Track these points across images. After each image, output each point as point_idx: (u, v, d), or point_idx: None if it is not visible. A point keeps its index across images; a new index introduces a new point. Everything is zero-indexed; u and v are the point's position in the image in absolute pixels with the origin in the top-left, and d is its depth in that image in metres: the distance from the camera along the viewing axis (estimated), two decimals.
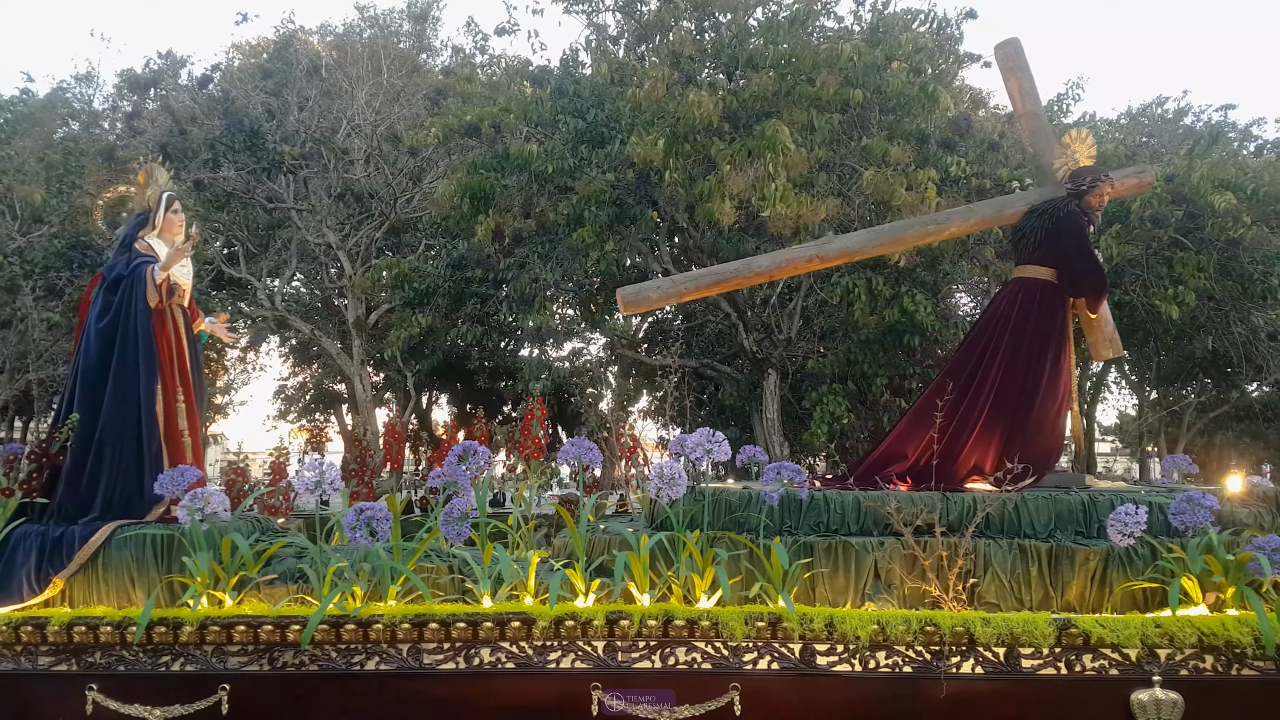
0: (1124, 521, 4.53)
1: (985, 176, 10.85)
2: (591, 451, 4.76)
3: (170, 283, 5.25)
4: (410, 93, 14.13)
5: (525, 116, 10.27)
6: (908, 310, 11.02)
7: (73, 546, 4.71)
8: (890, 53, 9.51)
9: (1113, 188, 5.97)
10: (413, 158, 13.09)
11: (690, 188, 9.53)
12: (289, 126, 14.07)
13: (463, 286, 12.14)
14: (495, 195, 10.23)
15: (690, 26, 9.71)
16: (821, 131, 9.42)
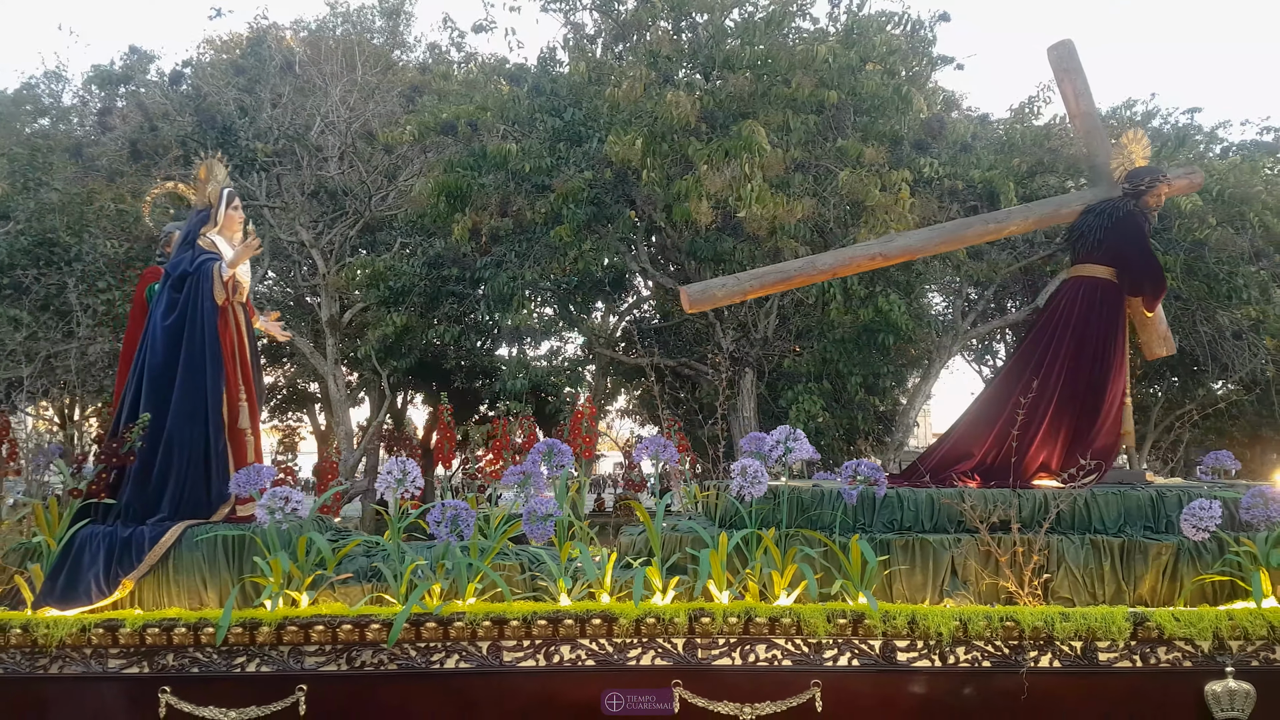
0: (1198, 516, 4.59)
1: (958, 178, 10.99)
2: (669, 449, 4.70)
3: (234, 280, 5.24)
4: (385, 90, 14.02)
5: (502, 115, 10.24)
6: (882, 310, 11.12)
7: (142, 547, 4.65)
8: (864, 55, 9.59)
9: (1169, 188, 6.06)
10: (388, 155, 13.01)
11: (668, 187, 9.56)
12: (262, 123, 13.91)
13: (439, 285, 12.08)
14: (472, 194, 10.20)
15: (667, 26, 9.73)
16: (797, 132, 9.49)
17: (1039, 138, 11.71)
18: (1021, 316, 13.03)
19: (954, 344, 12.66)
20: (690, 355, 13.72)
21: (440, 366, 15.51)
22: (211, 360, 5.07)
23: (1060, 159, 11.27)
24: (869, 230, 9.40)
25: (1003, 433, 5.61)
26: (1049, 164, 11.25)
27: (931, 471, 5.65)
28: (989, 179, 10.90)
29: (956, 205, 11.28)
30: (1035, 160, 11.32)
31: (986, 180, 10.93)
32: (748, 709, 4.08)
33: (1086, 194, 6.25)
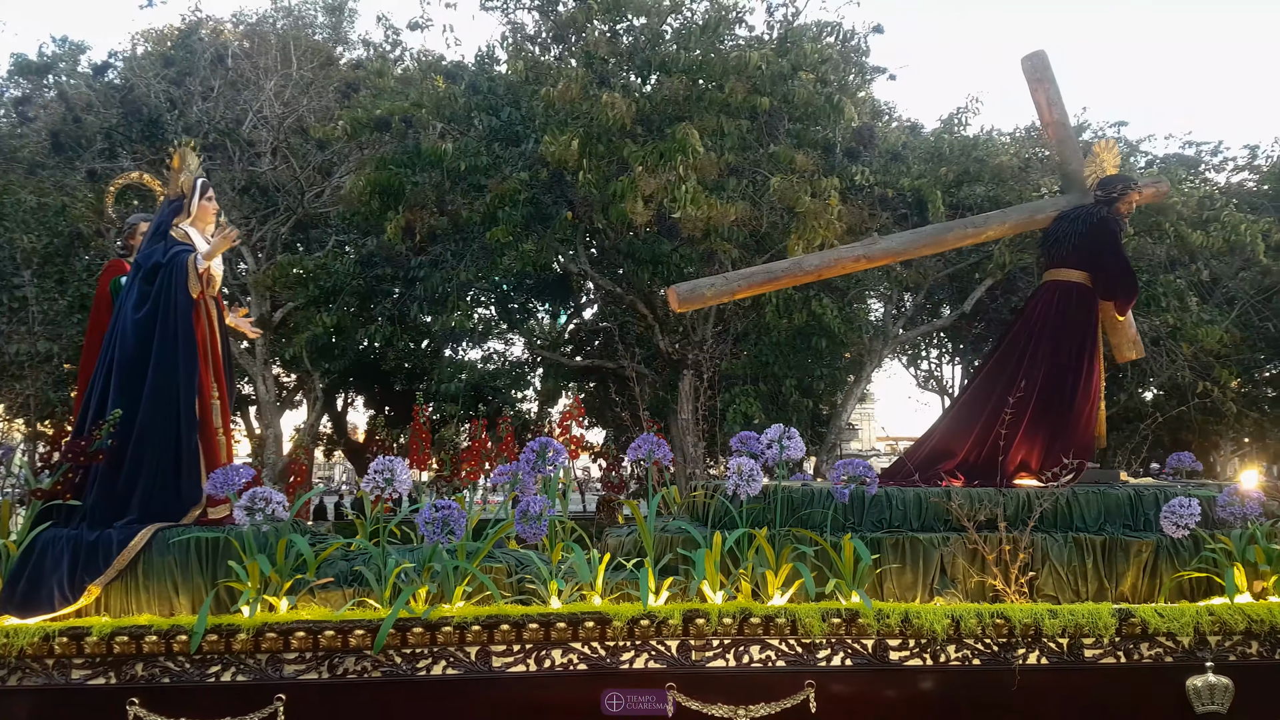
0: (1178, 514, 4.69)
1: (888, 185, 11.23)
2: (662, 448, 4.63)
3: (208, 273, 5.02)
4: (321, 85, 13.82)
5: (438, 112, 10.16)
6: (816, 313, 11.31)
7: (110, 551, 4.38)
8: (797, 63, 9.74)
9: (1139, 195, 6.19)
10: (322, 151, 12.81)
11: (604, 188, 9.60)
12: (191, 117, 13.59)
13: (372, 284, 11.94)
14: (406, 192, 10.10)
15: (604, 29, 9.76)
16: (731, 137, 9.60)
17: (967, 148, 12.03)
18: (949, 321, 13.37)
19: (885, 347, 12.91)
20: (632, 358, 13.79)
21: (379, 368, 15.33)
22: (185, 355, 4.85)
23: (986, 169, 11.59)
24: (799, 236, 9.56)
25: (984, 432, 5.73)
26: (975, 174, 11.56)
27: (916, 470, 5.73)
28: (918, 187, 11.16)
29: (887, 213, 11.53)
30: (962, 170, 11.63)
31: (915, 188, 11.19)
32: (742, 711, 4.04)
33: (1060, 200, 6.40)
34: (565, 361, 13.92)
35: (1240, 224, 10.52)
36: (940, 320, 13.42)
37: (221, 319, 5.26)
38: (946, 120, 12.69)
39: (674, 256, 10.59)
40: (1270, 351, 14.11)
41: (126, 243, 5.84)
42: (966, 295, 12.97)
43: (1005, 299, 13.39)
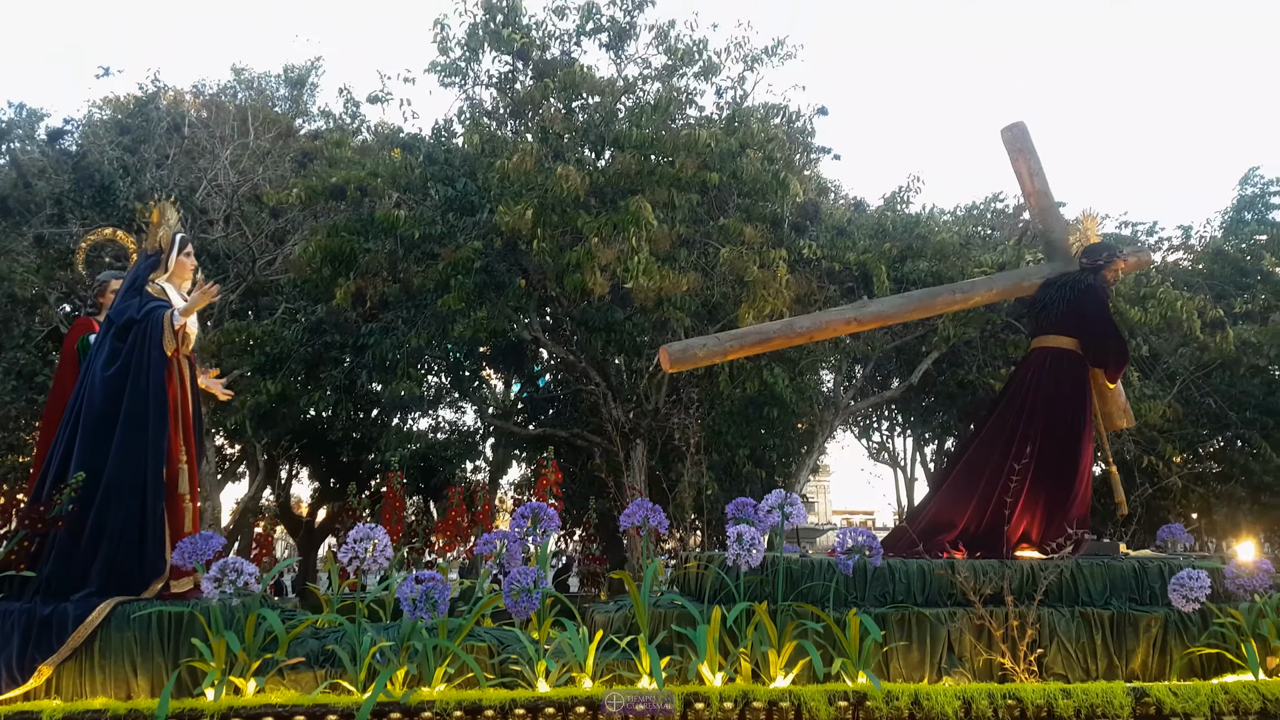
0: (1188, 586, 4.59)
1: (835, 259, 11.55)
2: (657, 514, 4.43)
3: (184, 330, 4.85)
4: (279, 155, 13.91)
5: (394, 181, 10.28)
6: (768, 383, 11.44)
7: (65, 627, 4.06)
8: (745, 141, 10.09)
9: (1125, 264, 6.34)
10: (275, 219, 12.82)
11: (558, 257, 9.72)
12: (145, 183, 13.55)
13: (320, 352, 11.82)
14: (357, 258, 10.12)
15: (560, 106, 10.04)
16: (682, 209, 9.84)
17: (909, 225, 12.45)
18: (898, 393, 13.60)
19: (836, 418, 13.06)
20: (584, 426, 13.74)
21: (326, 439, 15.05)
22: (155, 415, 4.63)
23: (928, 245, 11.99)
24: (749, 305, 9.74)
25: (983, 502, 5.63)
26: (918, 249, 11.95)
27: (913, 542, 5.58)
28: (864, 261, 11.48)
29: (834, 286, 11.82)
30: (906, 245, 12.01)
31: (861, 263, 11.51)
32: None
33: (1045, 268, 6.50)
34: (517, 430, 13.82)
35: (1176, 301, 10.96)
36: (889, 391, 13.65)
37: (194, 379, 5.07)
38: (889, 198, 13.17)
39: (627, 325, 10.69)
40: (1212, 427, 14.52)
41: (96, 300, 5.79)
42: (914, 367, 13.25)
43: (951, 371, 13.69)
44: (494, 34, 9.91)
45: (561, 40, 10.49)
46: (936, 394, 14.93)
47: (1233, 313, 12.23)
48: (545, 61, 10.08)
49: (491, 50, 10.23)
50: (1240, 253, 13.87)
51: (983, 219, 15.45)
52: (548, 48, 10.29)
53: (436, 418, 15.00)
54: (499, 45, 10.01)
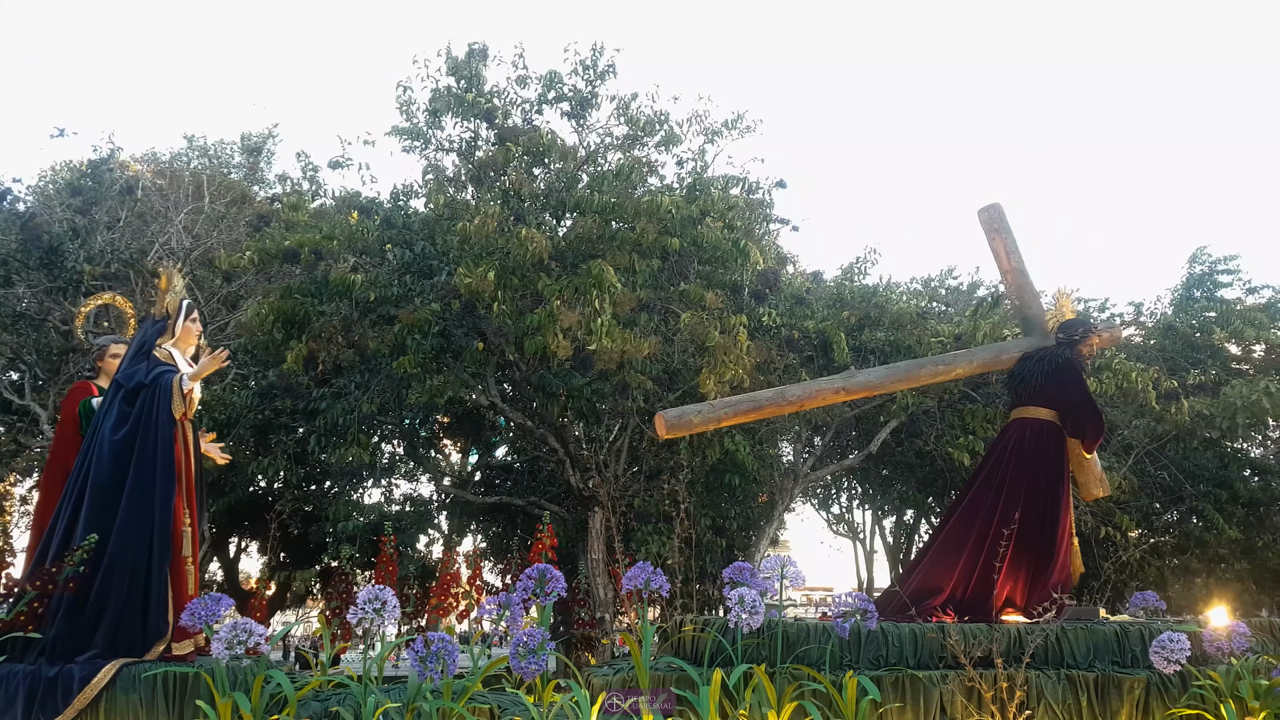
0: (1168, 649, 4.71)
1: (794, 327, 11.62)
2: (659, 578, 4.41)
3: (190, 395, 4.94)
4: (233, 220, 13.76)
5: (350, 244, 10.16)
6: (728, 450, 11.34)
7: (70, 689, 4.06)
8: (705, 209, 10.20)
9: (1099, 338, 6.58)
10: (227, 284, 12.59)
11: (519, 320, 9.62)
12: (95, 246, 13.28)
13: (270, 418, 11.48)
14: (310, 321, 9.91)
15: (523, 170, 10.08)
16: (643, 274, 9.85)
17: (867, 295, 12.62)
18: (857, 462, 13.57)
19: (795, 486, 12.96)
20: (541, 494, 13.45)
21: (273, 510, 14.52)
22: (163, 478, 4.72)
23: (886, 315, 12.13)
24: (710, 370, 9.69)
25: (968, 568, 5.81)
26: (876, 318, 12.08)
27: (903, 606, 5.71)
28: (823, 330, 11.58)
29: (793, 354, 11.87)
30: (864, 314, 12.14)
31: (821, 331, 11.60)
32: None
33: (1023, 342, 6.77)
34: (473, 499, 13.47)
35: (1131, 372, 11.16)
36: (848, 460, 13.62)
37: (198, 443, 5.15)
38: (846, 269, 13.38)
39: (586, 390, 10.56)
40: (1166, 499, 14.68)
41: (94, 364, 5.83)
42: (872, 436, 13.25)
43: (909, 441, 13.72)
44: (457, 98, 9.98)
45: (523, 109, 10.61)
46: (895, 465, 14.94)
47: (1186, 385, 12.49)
48: (508, 128, 10.16)
49: (454, 115, 10.29)
50: (1191, 329, 14.27)
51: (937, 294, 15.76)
52: (510, 115, 10.38)
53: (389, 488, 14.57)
54: (462, 110, 10.08)
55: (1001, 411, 12.82)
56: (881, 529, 19.90)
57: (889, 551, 19.85)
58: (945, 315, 13.91)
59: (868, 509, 19.51)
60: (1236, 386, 12.19)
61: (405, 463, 14.73)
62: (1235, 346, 14.45)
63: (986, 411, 12.56)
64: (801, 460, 13.30)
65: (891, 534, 19.81)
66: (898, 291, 13.52)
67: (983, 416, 12.43)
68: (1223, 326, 13.87)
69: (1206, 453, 14.17)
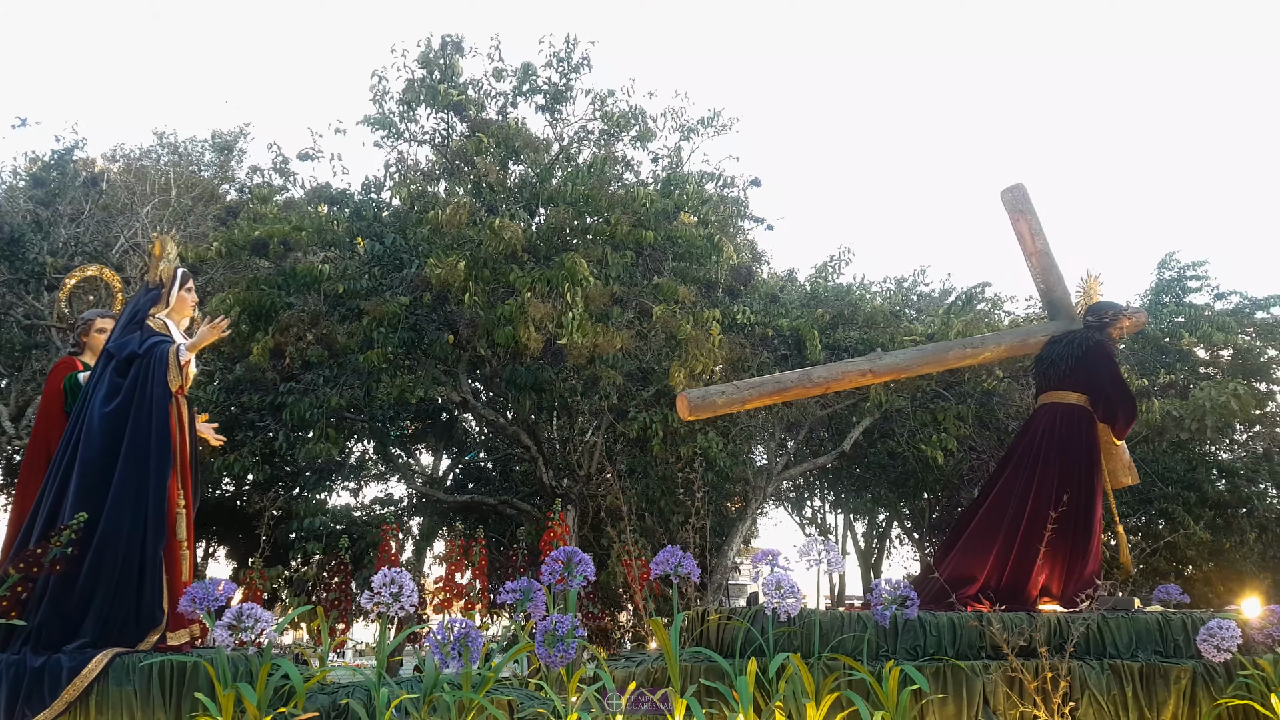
0: (1218, 636, 4.59)
1: (768, 325, 11.61)
2: (689, 562, 4.14)
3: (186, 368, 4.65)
4: (200, 215, 13.55)
5: (319, 236, 10.01)
6: (701, 446, 11.28)
7: (58, 680, 3.80)
8: (680, 203, 10.17)
9: (1129, 321, 6.41)
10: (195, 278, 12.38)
11: (490, 312, 9.52)
12: (58, 238, 13.04)
13: (237, 415, 11.27)
14: (277, 313, 9.73)
15: (495, 161, 10.00)
16: (615, 267, 9.79)
17: (840, 293, 12.64)
18: (830, 459, 13.56)
19: (768, 484, 12.92)
20: (513, 494, 13.32)
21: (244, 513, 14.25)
22: (158, 454, 4.42)
23: (859, 313, 12.15)
24: (681, 364, 9.64)
25: (1002, 556, 5.67)
26: (849, 316, 12.09)
27: (936, 595, 5.56)
28: (796, 328, 11.56)
29: (767, 351, 11.85)
30: (837, 313, 12.16)
31: (794, 329, 11.59)
32: None
33: (1050, 326, 6.62)
34: (444, 498, 13.30)
35: None
36: (821, 459, 13.61)
37: (193, 420, 4.85)
38: (820, 268, 13.39)
39: (558, 385, 10.47)
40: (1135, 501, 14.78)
41: (79, 340, 5.53)
42: (844, 436, 13.26)
43: (882, 441, 13.74)
44: (430, 89, 9.89)
45: (498, 100, 10.54)
46: (867, 465, 14.95)
47: (1156, 387, 12.60)
48: (481, 120, 10.07)
49: (427, 107, 10.19)
50: (1160, 333, 14.40)
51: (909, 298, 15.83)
52: (484, 107, 10.30)
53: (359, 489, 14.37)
54: (435, 101, 9.98)
55: (974, 410, 12.90)
56: (853, 532, 19.92)
57: (860, 555, 19.87)
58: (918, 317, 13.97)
59: (840, 512, 19.52)
60: (1205, 389, 12.32)
61: (376, 464, 14.55)
62: (1203, 351, 14.62)
63: (959, 410, 12.61)
64: (775, 459, 13.27)
65: (863, 538, 19.83)
66: (871, 291, 13.56)
67: (954, 414, 12.47)
68: (1191, 331, 14.02)
69: (1175, 455, 14.29)
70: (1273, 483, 15.18)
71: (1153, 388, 12.68)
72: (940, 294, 16.24)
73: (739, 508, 13.68)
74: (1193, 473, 14.42)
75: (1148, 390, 11.70)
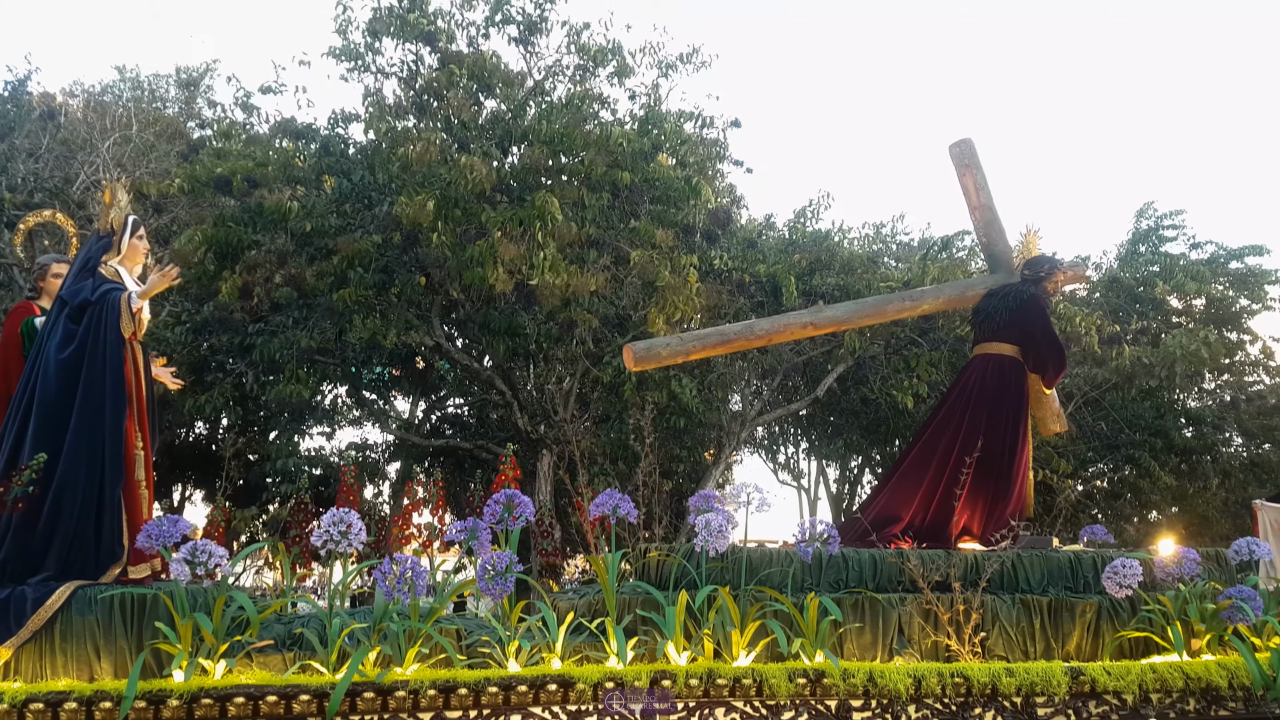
0: (1121, 574, 4.91)
1: (745, 271, 11.51)
2: (627, 503, 4.53)
3: (139, 314, 4.77)
4: (164, 152, 13.14)
5: (285, 173, 9.73)
6: (675, 393, 11.24)
7: (23, 611, 4.02)
8: (658, 143, 9.97)
9: (1064, 275, 6.61)
10: (158, 215, 12.05)
11: (460, 252, 9.34)
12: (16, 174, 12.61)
13: (206, 357, 11.07)
14: (244, 251, 9.50)
15: (467, 95, 9.71)
16: (592, 209, 9.62)
17: (819, 239, 12.53)
18: (804, 406, 13.60)
19: (742, 429, 12.95)
20: (489, 439, 13.27)
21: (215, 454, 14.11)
22: (113, 398, 4.58)
23: (837, 259, 12.07)
24: (659, 310, 9.54)
25: (926, 497, 6.00)
26: (827, 262, 12.02)
27: (863, 533, 5.82)
28: (774, 274, 11.48)
29: (744, 298, 11.77)
30: (815, 258, 12.07)
31: (771, 275, 11.50)
32: None
33: (990, 279, 6.80)
34: (419, 442, 13.24)
35: (1075, 316, 11.27)
36: (795, 405, 13.65)
37: (149, 365, 5.01)
38: (799, 213, 13.25)
39: (531, 329, 10.35)
40: (1102, 447, 14.99)
41: (36, 284, 5.62)
42: (818, 383, 13.28)
43: (855, 388, 13.78)
44: (399, 19, 9.54)
45: (468, 31, 10.19)
46: (840, 411, 15.02)
47: (1127, 333, 12.68)
48: (451, 53, 9.75)
49: (395, 38, 9.84)
50: (1134, 282, 14.45)
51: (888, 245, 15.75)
52: (454, 39, 9.97)
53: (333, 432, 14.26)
54: (404, 32, 9.64)
55: (947, 356, 12.94)
56: (825, 478, 20.12)
57: (832, 500, 20.11)
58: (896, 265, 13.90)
59: (813, 457, 19.68)
60: (1176, 337, 12.43)
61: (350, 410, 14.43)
62: (1176, 300, 14.72)
63: (932, 356, 12.64)
64: (749, 405, 13.29)
65: (835, 483, 20.04)
66: (849, 237, 13.46)
67: (928, 361, 12.51)
68: (1165, 280, 14.08)
69: (1144, 402, 14.47)
70: (1238, 430, 15.47)
71: (1124, 335, 12.75)
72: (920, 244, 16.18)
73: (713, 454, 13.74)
74: (1160, 419, 14.62)
75: (1119, 337, 11.77)
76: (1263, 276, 14.61)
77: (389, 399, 15.49)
